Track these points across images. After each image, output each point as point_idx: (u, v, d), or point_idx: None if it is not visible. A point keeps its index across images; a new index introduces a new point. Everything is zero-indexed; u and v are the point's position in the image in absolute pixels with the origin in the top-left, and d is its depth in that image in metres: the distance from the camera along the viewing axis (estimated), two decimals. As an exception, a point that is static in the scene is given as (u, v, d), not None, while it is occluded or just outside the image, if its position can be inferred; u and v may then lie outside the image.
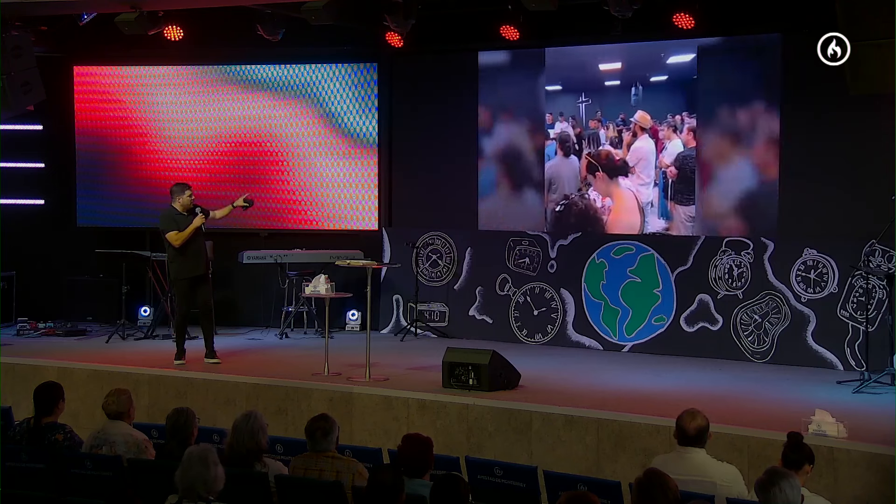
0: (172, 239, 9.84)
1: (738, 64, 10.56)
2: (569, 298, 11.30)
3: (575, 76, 11.39)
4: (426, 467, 5.32)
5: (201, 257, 10.01)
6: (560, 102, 11.45)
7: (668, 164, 10.90)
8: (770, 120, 10.37)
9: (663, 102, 10.92)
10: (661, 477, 4.57)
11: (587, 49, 11.29)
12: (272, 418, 7.90)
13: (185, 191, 9.98)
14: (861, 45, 6.73)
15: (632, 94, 11.04)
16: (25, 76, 9.44)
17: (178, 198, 9.96)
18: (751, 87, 10.48)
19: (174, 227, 9.86)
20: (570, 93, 11.43)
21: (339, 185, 12.32)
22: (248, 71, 12.47)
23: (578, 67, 11.37)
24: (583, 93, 11.32)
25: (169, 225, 9.89)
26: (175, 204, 9.96)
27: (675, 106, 10.85)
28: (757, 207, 10.48)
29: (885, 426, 7.36)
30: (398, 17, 10.02)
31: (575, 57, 11.38)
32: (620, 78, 11.11)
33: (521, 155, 11.74)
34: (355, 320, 12.30)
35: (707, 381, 9.42)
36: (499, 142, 11.85)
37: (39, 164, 13.09)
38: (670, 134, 10.86)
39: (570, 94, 11.43)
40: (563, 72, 11.44)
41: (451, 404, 8.38)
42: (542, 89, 11.55)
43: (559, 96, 11.48)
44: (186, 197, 9.95)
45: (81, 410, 9.18)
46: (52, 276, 12.72)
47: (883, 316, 9.32)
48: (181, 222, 9.88)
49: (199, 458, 4.75)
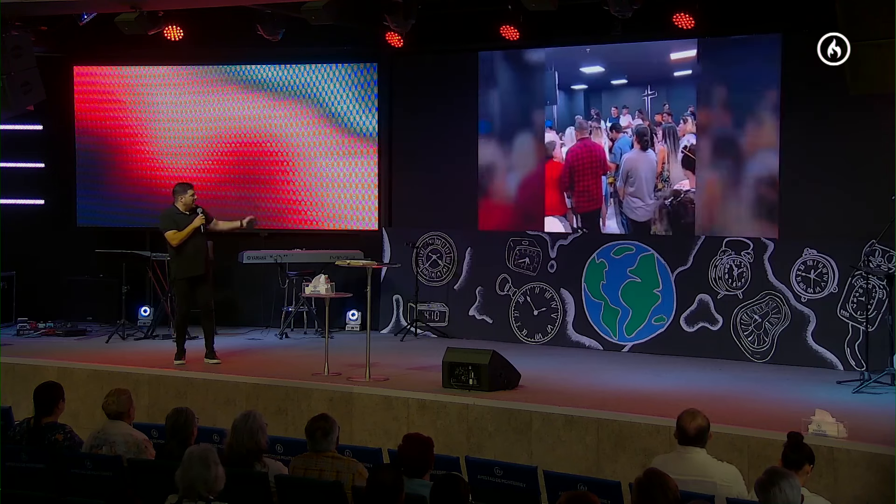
0: (171, 238, 9.85)
1: (737, 63, 10.56)
2: (569, 298, 11.30)
3: (642, 69, 11.08)
4: (426, 467, 5.32)
5: (200, 257, 9.98)
6: (624, 96, 11.19)
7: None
8: (770, 120, 10.37)
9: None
10: (661, 477, 4.57)
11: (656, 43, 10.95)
12: (272, 418, 7.90)
13: (187, 190, 9.98)
14: (861, 45, 6.73)
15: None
16: (25, 76, 9.43)
17: (181, 197, 9.95)
18: (750, 87, 10.48)
19: (173, 227, 9.86)
20: (635, 86, 11.14)
21: (339, 185, 12.32)
22: (248, 71, 12.47)
23: (644, 60, 11.06)
24: (648, 85, 11.08)
25: (168, 224, 9.89)
26: (177, 203, 9.96)
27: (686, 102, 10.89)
28: (757, 207, 10.48)
29: (885, 426, 7.36)
30: (398, 17, 10.02)
31: (641, 49, 11.03)
32: (692, 68, 10.81)
33: (519, 154, 11.74)
34: (355, 320, 12.30)
35: (707, 381, 9.42)
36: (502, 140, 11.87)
37: (39, 164, 13.08)
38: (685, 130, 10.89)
39: (635, 88, 11.13)
40: (628, 65, 11.16)
41: (451, 404, 8.38)
42: (543, 88, 11.55)
43: (623, 90, 11.22)
44: (189, 196, 9.95)
45: (81, 410, 9.18)
46: (52, 276, 12.72)
47: (883, 316, 9.32)
48: (181, 222, 9.88)
49: (199, 458, 4.76)
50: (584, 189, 11.46)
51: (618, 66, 11.25)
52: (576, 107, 11.47)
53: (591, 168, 11.43)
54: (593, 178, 11.40)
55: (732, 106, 10.57)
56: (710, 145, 10.70)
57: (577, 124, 11.43)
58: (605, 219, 11.33)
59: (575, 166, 11.48)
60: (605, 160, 11.32)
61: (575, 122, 11.44)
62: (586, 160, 11.44)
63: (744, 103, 10.51)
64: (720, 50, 10.65)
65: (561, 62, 11.49)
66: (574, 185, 11.49)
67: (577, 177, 11.49)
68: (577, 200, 11.51)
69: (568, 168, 11.50)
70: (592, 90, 11.41)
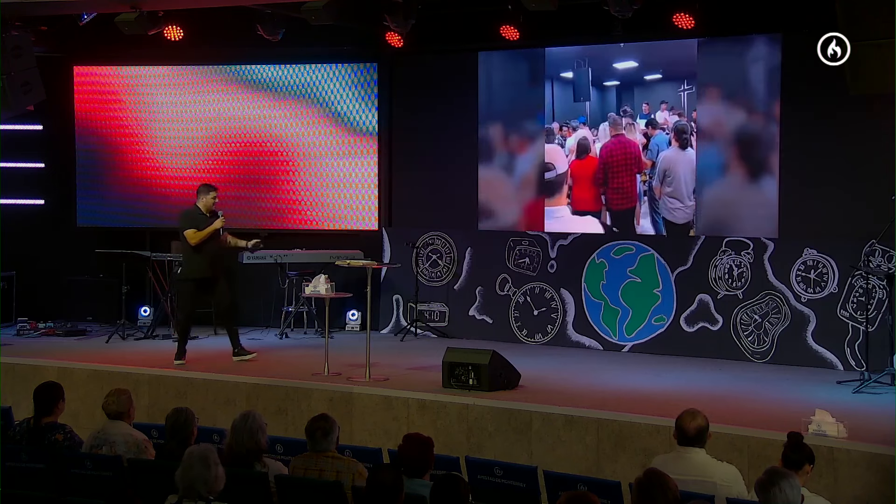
0: (189, 237, 9.89)
1: (737, 63, 10.56)
2: (569, 298, 11.30)
3: (675, 63, 10.87)
4: (426, 467, 5.32)
5: (212, 260, 10.04)
6: (659, 91, 11.01)
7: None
8: (770, 120, 10.37)
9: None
10: (661, 477, 4.57)
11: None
12: (272, 418, 7.90)
13: (210, 192, 10.07)
14: (861, 45, 6.73)
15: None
16: (25, 76, 9.44)
17: (202, 198, 10.03)
18: (750, 87, 10.48)
19: (193, 226, 9.91)
20: (670, 81, 10.93)
21: (339, 185, 12.32)
22: (248, 71, 12.47)
23: (678, 54, 10.81)
24: (685, 80, 10.85)
25: (188, 223, 9.94)
26: (199, 203, 10.02)
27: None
28: (757, 207, 10.48)
29: (885, 426, 7.36)
30: (398, 17, 10.02)
31: (671, 45, 10.82)
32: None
33: (521, 153, 11.74)
34: (355, 320, 12.29)
35: (707, 381, 9.42)
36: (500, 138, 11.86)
37: (39, 164, 13.08)
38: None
39: (670, 83, 10.93)
40: (661, 60, 10.99)
41: (451, 404, 8.38)
42: (542, 88, 11.55)
43: (657, 85, 11.05)
44: (210, 198, 10.02)
45: (81, 410, 9.18)
46: (52, 276, 12.72)
47: (883, 316, 9.32)
48: (201, 222, 9.93)
49: (200, 458, 4.76)
50: (618, 186, 11.23)
51: (652, 61, 11.01)
52: (608, 104, 11.22)
53: (626, 165, 11.19)
54: (627, 176, 11.18)
55: (732, 106, 10.56)
56: (710, 143, 10.70)
57: (611, 120, 11.19)
58: (638, 217, 11.11)
59: (609, 163, 11.25)
60: (640, 157, 11.08)
61: (608, 118, 11.20)
62: (620, 157, 11.19)
63: (743, 103, 10.50)
64: (720, 50, 10.64)
65: (595, 60, 11.25)
66: (608, 182, 11.30)
67: (611, 174, 11.26)
68: (611, 197, 11.29)
69: (602, 164, 11.28)
70: (625, 86, 11.15)
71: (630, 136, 11.16)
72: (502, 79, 11.82)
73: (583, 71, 11.37)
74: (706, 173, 10.73)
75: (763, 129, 10.42)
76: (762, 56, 10.42)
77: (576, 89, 11.44)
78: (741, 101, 10.52)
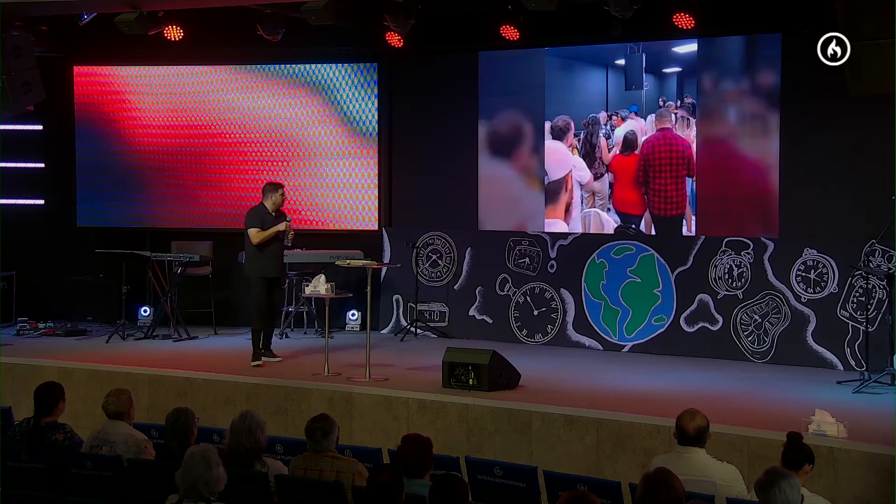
0: (253, 236, 9.89)
1: (737, 63, 10.56)
2: (569, 298, 11.29)
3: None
4: (426, 467, 5.32)
5: (276, 260, 10.06)
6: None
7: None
8: (770, 120, 10.37)
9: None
10: (669, 476, 4.56)
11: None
12: (272, 418, 7.91)
13: (277, 189, 10.04)
14: (861, 45, 6.73)
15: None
16: (25, 76, 9.43)
17: (270, 196, 10.01)
18: (750, 87, 10.48)
19: (258, 225, 9.90)
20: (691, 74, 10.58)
21: (339, 185, 12.32)
22: (248, 71, 12.46)
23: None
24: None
25: (254, 222, 9.94)
26: (266, 202, 10.02)
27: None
28: (757, 207, 10.48)
29: (885, 426, 7.36)
30: (398, 17, 10.02)
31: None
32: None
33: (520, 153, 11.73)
34: (355, 320, 12.29)
35: (707, 381, 9.42)
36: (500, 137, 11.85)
37: (39, 164, 13.08)
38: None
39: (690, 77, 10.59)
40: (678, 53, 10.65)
41: (451, 404, 8.38)
42: (543, 87, 11.54)
43: (674, 77, 10.72)
44: (279, 195, 10.01)
45: (81, 410, 9.17)
46: (52, 276, 12.72)
47: (883, 316, 9.32)
48: (267, 222, 9.92)
49: (201, 459, 4.76)
50: (660, 188, 10.50)
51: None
52: (667, 92, 10.55)
53: (671, 165, 10.46)
54: (673, 178, 10.51)
55: (732, 105, 10.56)
56: (710, 143, 10.69)
57: (658, 112, 10.47)
58: (689, 225, 10.52)
59: (650, 160, 10.58)
60: (690, 158, 10.39)
61: (658, 110, 10.53)
62: (664, 154, 10.46)
63: (743, 103, 10.50)
64: (720, 50, 10.64)
65: (649, 45, 10.68)
66: (649, 182, 10.66)
67: (652, 173, 10.54)
68: (653, 200, 10.62)
69: (643, 161, 10.64)
70: (686, 73, 10.54)
71: (681, 131, 10.46)
72: (502, 79, 11.82)
73: (636, 56, 10.73)
74: (707, 173, 10.72)
75: (763, 129, 10.40)
76: (762, 56, 10.41)
77: (627, 76, 10.75)
78: (740, 100, 10.50)
